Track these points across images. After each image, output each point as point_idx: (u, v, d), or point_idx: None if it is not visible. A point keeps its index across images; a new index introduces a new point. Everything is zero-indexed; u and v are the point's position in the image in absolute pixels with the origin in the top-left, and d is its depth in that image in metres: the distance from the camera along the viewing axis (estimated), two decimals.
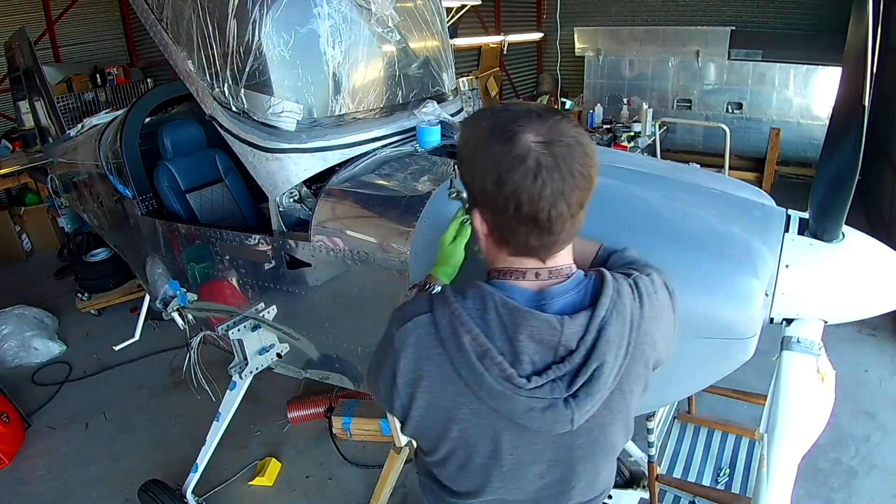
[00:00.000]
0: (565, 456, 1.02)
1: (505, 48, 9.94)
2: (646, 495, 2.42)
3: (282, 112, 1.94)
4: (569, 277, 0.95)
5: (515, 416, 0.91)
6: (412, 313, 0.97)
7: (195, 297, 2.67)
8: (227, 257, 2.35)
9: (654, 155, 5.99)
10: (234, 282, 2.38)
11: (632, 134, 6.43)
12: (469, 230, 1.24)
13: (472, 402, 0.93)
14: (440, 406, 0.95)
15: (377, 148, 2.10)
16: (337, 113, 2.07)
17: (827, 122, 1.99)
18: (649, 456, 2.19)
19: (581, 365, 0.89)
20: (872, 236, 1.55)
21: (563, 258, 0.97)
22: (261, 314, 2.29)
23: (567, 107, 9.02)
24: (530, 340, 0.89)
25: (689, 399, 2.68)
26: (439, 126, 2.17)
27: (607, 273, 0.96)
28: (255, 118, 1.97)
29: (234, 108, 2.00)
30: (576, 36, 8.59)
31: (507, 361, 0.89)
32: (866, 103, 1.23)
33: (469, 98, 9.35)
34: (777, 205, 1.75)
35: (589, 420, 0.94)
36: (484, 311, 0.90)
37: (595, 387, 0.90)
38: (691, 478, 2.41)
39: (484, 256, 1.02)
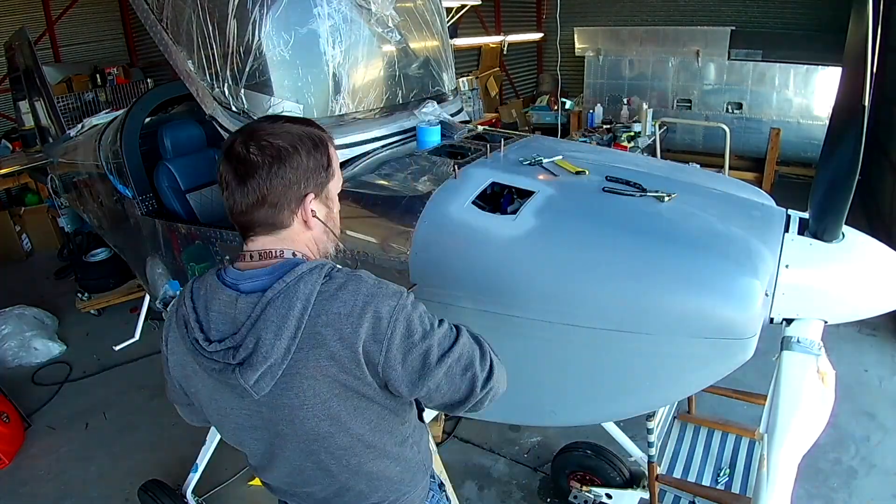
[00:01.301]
0: (269, 427, 1.11)
1: (505, 48, 9.94)
2: (646, 495, 2.42)
3: (281, 112, 1.94)
4: (276, 263, 1.07)
5: (212, 374, 1.07)
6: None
7: None
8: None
9: (654, 155, 5.99)
10: None
11: (632, 134, 6.43)
12: None
13: (189, 361, 1.12)
14: (179, 369, 1.17)
15: (377, 148, 2.10)
16: (337, 113, 2.07)
17: (827, 122, 2.00)
18: (649, 456, 2.19)
19: (245, 337, 1.01)
20: (872, 236, 1.56)
21: (266, 241, 1.09)
22: None
23: (567, 107, 9.03)
24: (218, 313, 1.06)
25: (689, 399, 2.68)
26: (439, 126, 2.18)
27: (305, 263, 1.05)
28: (255, 118, 1.96)
29: (234, 108, 2.00)
30: (576, 36, 8.60)
31: (201, 329, 1.06)
32: (866, 103, 1.23)
33: (469, 98, 9.36)
34: (777, 205, 1.75)
35: (274, 397, 1.04)
36: (199, 289, 1.10)
37: (255, 360, 1.00)
38: (691, 478, 2.40)
39: None
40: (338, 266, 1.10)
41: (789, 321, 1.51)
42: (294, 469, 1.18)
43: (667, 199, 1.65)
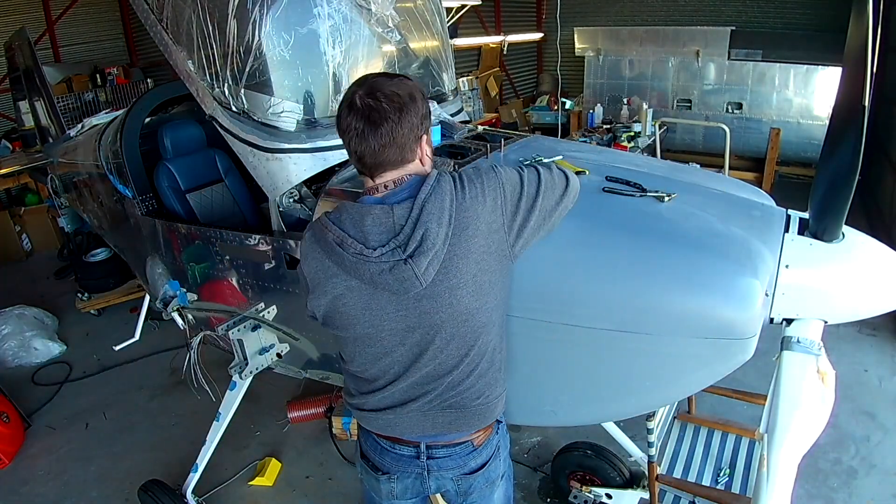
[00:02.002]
0: (424, 321, 1.29)
1: (505, 48, 9.94)
2: (646, 495, 2.42)
3: (282, 112, 1.94)
4: (410, 181, 1.29)
5: (374, 280, 1.25)
6: (306, 231, 1.38)
7: (195, 297, 2.67)
8: (227, 257, 2.35)
9: (654, 155, 5.99)
10: (234, 282, 2.38)
11: (632, 134, 6.43)
12: None
13: (343, 278, 1.29)
14: (326, 288, 1.32)
15: None
16: None
17: (827, 122, 2.00)
18: (649, 456, 2.19)
19: (410, 233, 1.22)
20: (872, 236, 1.56)
21: (393, 175, 1.29)
22: (261, 314, 2.29)
23: (567, 107, 9.03)
24: (373, 225, 1.25)
25: (689, 399, 2.68)
26: (439, 126, 2.18)
27: (433, 171, 1.30)
28: (255, 118, 1.96)
29: (234, 108, 2.00)
30: (576, 36, 8.59)
31: (359, 242, 1.24)
32: (866, 103, 1.23)
33: (469, 98, 9.36)
34: (777, 205, 1.75)
35: (436, 284, 1.25)
36: (340, 214, 1.30)
37: (426, 246, 1.21)
38: (691, 478, 2.40)
39: None
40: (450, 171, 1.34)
41: (789, 321, 1.52)
42: (436, 361, 1.34)
43: (667, 199, 1.65)
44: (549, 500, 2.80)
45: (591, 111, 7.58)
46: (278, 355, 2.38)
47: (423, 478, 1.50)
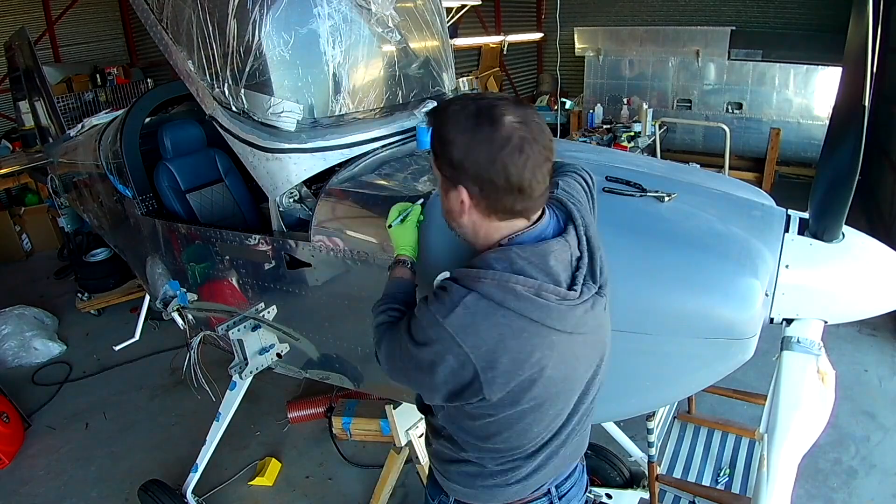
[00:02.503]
0: (600, 352, 1.21)
1: (505, 48, 9.93)
2: (646, 495, 2.42)
3: (282, 112, 1.94)
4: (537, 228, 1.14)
5: (578, 327, 1.09)
6: (453, 301, 1.06)
7: (195, 297, 2.67)
8: (227, 257, 2.35)
9: (654, 155, 5.99)
10: (234, 282, 2.38)
11: (632, 134, 6.43)
12: (417, 212, 1.44)
13: (542, 336, 1.06)
14: (519, 357, 1.05)
15: (377, 148, 2.10)
16: (337, 113, 2.07)
17: (827, 122, 1.99)
18: (649, 456, 2.19)
19: (590, 261, 1.13)
20: (872, 236, 1.56)
21: (540, 213, 1.14)
22: (261, 314, 2.29)
23: (567, 107, 9.02)
24: (557, 262, 1.08)
25: (689, 399, 2.68)
26: None
27: (556, 191, 1.20)
28: (255, 118, 1.96)
29: (234, 108, 2.00)
30: (576, 36, 8.59)
31: (555, 285, 1.06)
32: (866, 103, 1.23)
33: None
34: (777, 205, 1.75)
35: (598, 316, 1.15)
36: (513, 264, 1.06)
37: (606, 270, 1.16)
38: (691, 478, 2.40)
39: (463, 232, 1.17)
40: None
41: (789, 321, 1.52)
42: (594, 391, 1.25)
43: (667, 199, 1.65)
44: None
45: (591, 111, 7.57)
46: (278, 355, 2.38)
47: None
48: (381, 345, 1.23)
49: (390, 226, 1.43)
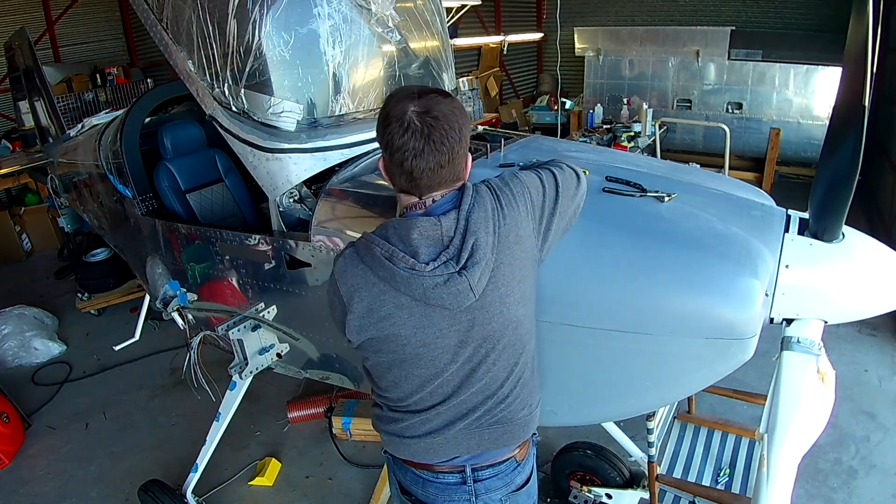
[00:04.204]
0: (478, 334, 1.27)
1: (505, 48, 9.94)
2: (646, 495, 2.42)
3: (282, 112, 1.94)
4: (449, 193, 1.26)
5: (427, 296, 1.20)
6: (341, 253, 1.32)
7: (195, 297, 2.67)
8: (227, 257, 2.35)
9: (654, 155, 5.99)
10: (234, 282, 2.38)
11: (632, 134, 6.43)
12: None
13: (392, 296, 1.24)
14: (371, 308, 1.25)
15: (377, 148, 2.09)
16: (337, 113, 2.07)
17: (827, 122, 2.00)
18: (649, 456, 2.19)
19: (461, 244, 1.20)
20: (872, 236, 1.56)
21: (440, 192, 1.26)
22: (261, 314, 2.29)
23: (567, 107, 9.03)
24: (421, 237, 1.20)
25: (689, 399, 2.68)
26: None
27: (467, 184, 1.28)
28: (255, 118, 1.96)
29: (234, 108, 2.00)
30: (576, 36, 8.59)
31: (410, 256, 1.20)
32: (866, 103, 1.23)
33: (469, 98, 9.35)
34: (777, 205, 1.75)
35: (487, 294, 1.23)
36: (385, 230, 1.25)
37: (478, 256, 1.19)
38: (691, 478, 2.40)
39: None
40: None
41: (789, 321, 1.52)
42: (490, 375, 1.31)
43: (667, 199, 1.65)
44: (549, 500, 2.79)
45: (591, 111, 7.58)
46: (278, 355, 2.38)
47: (473, 501, 1.43)
48: None
49: None
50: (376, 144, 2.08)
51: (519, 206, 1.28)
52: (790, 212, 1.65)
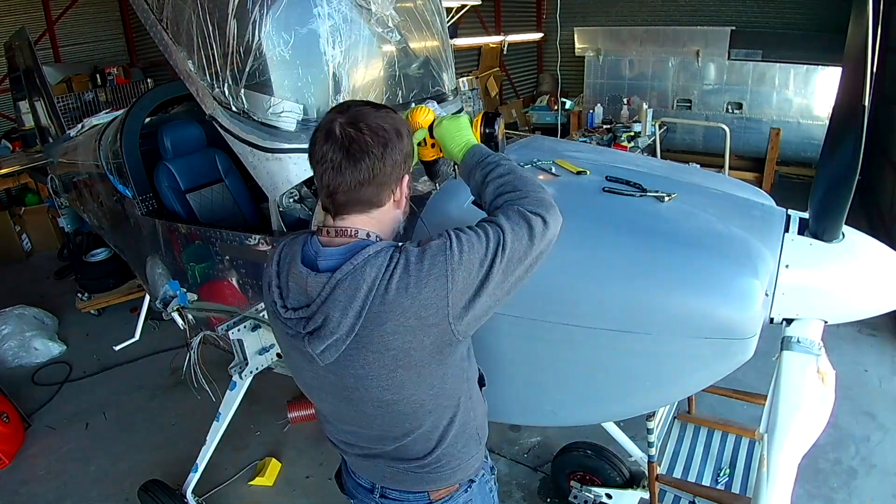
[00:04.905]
0: (335, 392, 1.22)
1: (505, 48, 9.94)
2: (646, 495, 2.41)
3: (282, 112, 1.94)
4: (349, 241, 1.14)
5: (285, 338, 1.20)
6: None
7: (195, 297, 2.67)
8: (227, 257, 2.35)
9: (654, 155, 5.99)
10: (234, 282, 2.38)
11: (632, 134, 6.43)
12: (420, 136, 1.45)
13: (273, 319, 1.23)
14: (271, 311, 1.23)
15: None
16: None
17: (827, 122, 2.00)
18: (649, 456, 2.19)
19: (315, 312, 1.11)
20: (872, 236, 1.56)
21: (354, 222, 1.15)
22: (261, 314, 2.29)
23: (567, 107, 9.03)
24: (294, 283, 1.15)
25: (689, 399, 2.68)
26: None
27: (373, 245, 1.12)
28: (255, 118, 1.96)
29: (234, 108, 1.99)
30: (576, 36, 8.59)
31: (280, 294, 1.17)
32: (866, 103, 1.23)
33: (469, 98, 9.35)
34: (777, 205, 1.75)
35: (341, 367, 1.14)
36: (286, 256, 1.19)
37: (323, 333, 1.10)
38: (691, 478, 2.40)
39: None
40: (401, 245, 1.14)
41: (789, 321, 1.52)
42: (369, 434, 1.29)
43: (667, 199, 1.65)
44: (549, 500, 2.80)
45: (591, 111, 7.57)
46: (278, 355, 2.38)
47: None
48: None
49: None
50: None
51: (422, 291, 1.07)
52: (790, 212, 1.65)
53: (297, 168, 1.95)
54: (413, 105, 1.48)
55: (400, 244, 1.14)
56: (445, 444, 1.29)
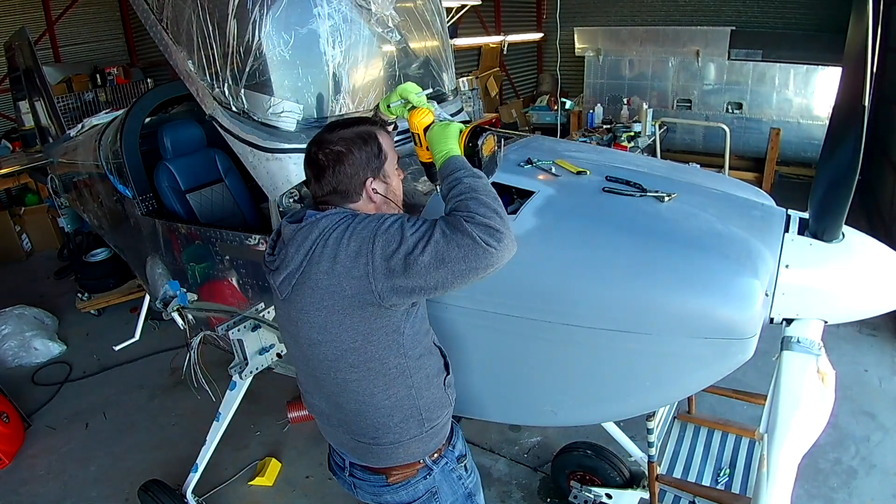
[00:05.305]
0: (290, 329, 1.43)
1: (505, 48, 9.94)
2: (646, 495, 2.41)
3: (282, 112, 1.94)
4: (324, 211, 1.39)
5: (269, 278, 1.42)
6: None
7: (195, 297, 2.67)
8: (227, 257, 2.35)
9: (654, 155, 5.99)
10: (234, 282, 2.38)
11: (632, 134, 6.42)
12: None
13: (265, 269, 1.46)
14: None
15: None
16: (337, 113, 2.06)
17: (827, 122, 2.00)
18: (649, 456, 2.19)
19: (280, 252, 1.38)
20: (872, 236, 1.56)
21: (332, 203, 1.42)
22: (261, 314, 2.29)
23: (567, 107, 9.02)
24: (285, 229, 1.39)
25: (689, 399, 2.68)
26: None
27: (333, 210, 1.37)
28: (255, 118, 1.96)
29: (234, 108, 1.99)
30: (576, 36, 8.59)
31: (272, 246, 1.44)
32: (866, 103, 1.23)
33: (469, 98, 9.35)
34: (777, 205, 1.75)
35: (291, 301, 1.37)
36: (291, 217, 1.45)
37: (281, 266, 1.36)
38: (691, 478, 2.40)
39: None
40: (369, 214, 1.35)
41: (789, 321, 1.52)
42: (316, 371, 1.45)
43: (667, 199, 1.65)
44: (549, 500, 2.80)
45: (591, 111, 7.57)
46: (278, 355, 2.38)
47: (353, 491, 1.60)
48: None
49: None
50: None
51: (350, 244, 1.27)
52: (790, 212, 1.65)
53: (297, 168, 1.95)
54: (417, 96, 1.53)
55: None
56: (378, 412, 1.41)
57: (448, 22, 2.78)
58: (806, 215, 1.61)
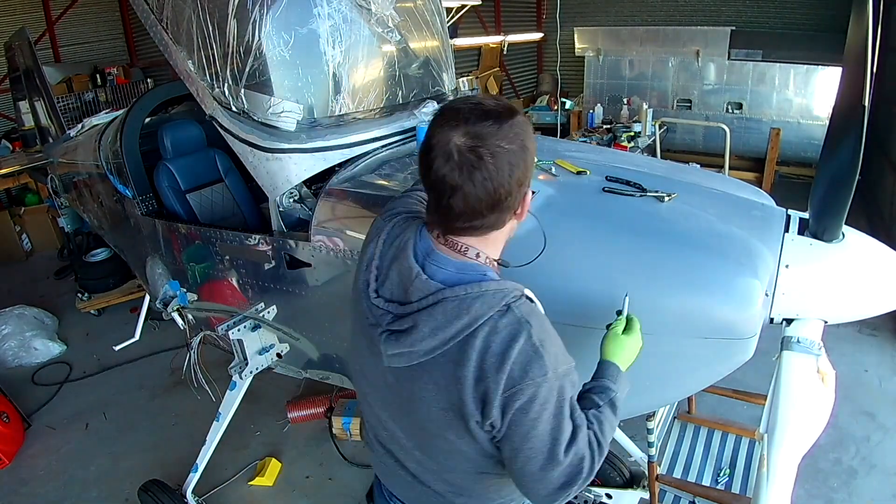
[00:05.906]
0: (390, 391, 1.14)
1: (505, 48, 9.93)
2: (646, 495, 2.41)
3: (282, 112, 1.94)
4: (462, 258, 1.06)
5: (361, 319, 1.12)
6: None
7: (195, 297, 2.67)
8: (227, 257, 2.35)
9: (654, 155, 5.99)
10: (234, 282, 2.38)
11: (632, 134, 6.42)
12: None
13: (355, 295, 1.15)
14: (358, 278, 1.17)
15: (377, 148, 2.10)
16: (337, 113, 2.07)
17: (827, 122, 2.00)
18: (649, 456, 2.19)
19: (405, 315, 1.03)
20: (872, 236, 1.56)
21: (467, 241, 1.06)
22: (261, 314, 2.29)
23: (567, 107, 9.02)
24: (396, 274, 1.07)
25: (689, 399, 2.68)
26: None
27: (492, 283, 1.03)
28: (255, 118, 1.96)
29: (234, 108, 2.00)
30: (576, 36, 8.59)
31: (376, 276, 1.10)
32: (866, 103, 1.23)
33: None
34: (777, 205, 1.75)
35: (403, 375, 1.07)
36: (393, 239, 1.12)
37: (402, 341, 1.02)
38: (691, 478, 2.40)
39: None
40: (522, 296, 1.06)
41: (789, 321, 1.52)
42: (396, 439, 1.21)
43: (667, 199, 1.65)
44: None
45: (591, 111, 7.57)
46: (278, 355, 2.38)
47: None
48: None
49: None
50: (376, 144, 2.10)
51: (499, 375, 0.99)
52: (790, 212, 1.65)
53: (298, 168, 1.96)
54: None
55: (520, 295, 1.05)
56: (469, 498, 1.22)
57: (448, 22, 2.78)
58: (806, 215, 1.61)
